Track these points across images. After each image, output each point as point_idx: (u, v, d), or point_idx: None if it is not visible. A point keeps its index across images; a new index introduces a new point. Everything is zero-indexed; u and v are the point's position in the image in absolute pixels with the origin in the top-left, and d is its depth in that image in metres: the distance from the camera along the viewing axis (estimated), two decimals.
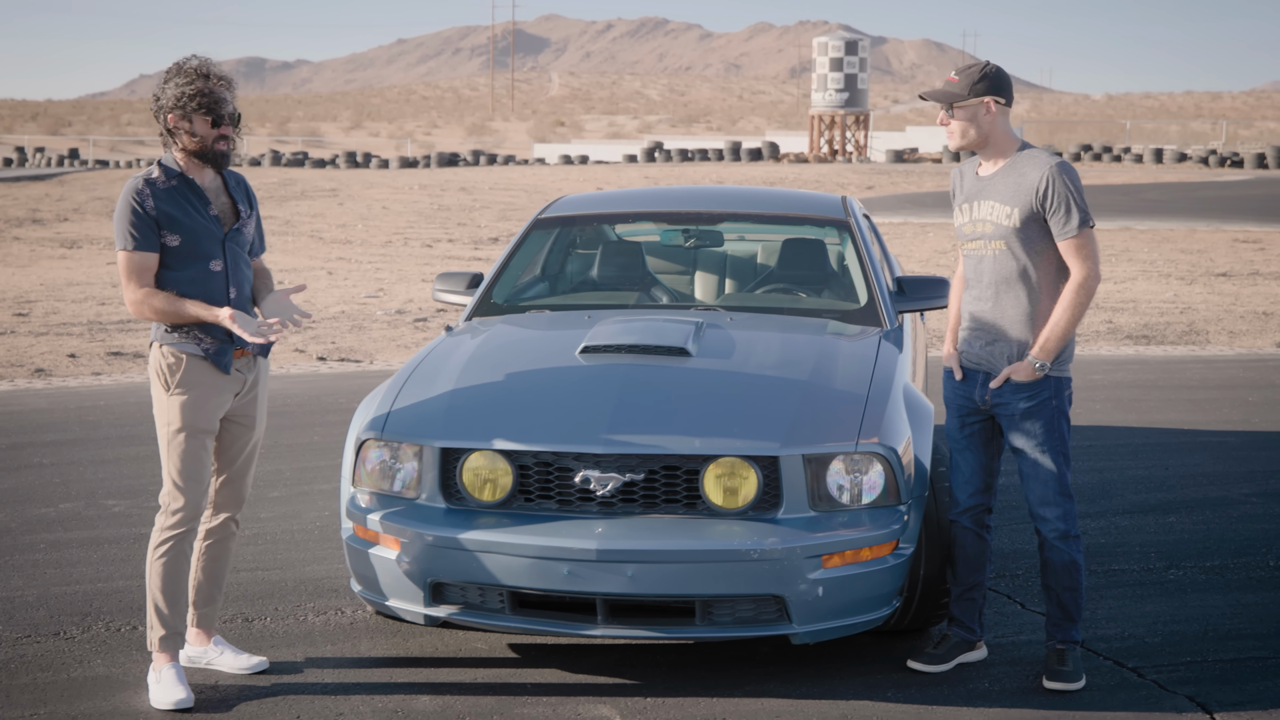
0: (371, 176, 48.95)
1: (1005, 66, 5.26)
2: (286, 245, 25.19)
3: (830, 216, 7.05)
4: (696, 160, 58.99)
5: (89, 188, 41.99)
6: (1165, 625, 5.76)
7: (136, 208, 4.90)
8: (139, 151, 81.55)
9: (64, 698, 4.97)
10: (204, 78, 4.98)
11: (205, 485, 5.05)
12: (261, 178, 47.36)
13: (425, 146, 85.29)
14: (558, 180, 45.26)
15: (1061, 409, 5.07)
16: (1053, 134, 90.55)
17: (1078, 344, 13.71)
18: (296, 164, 59.88)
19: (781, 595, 4.91)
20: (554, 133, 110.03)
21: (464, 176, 47.86)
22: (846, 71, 61.93)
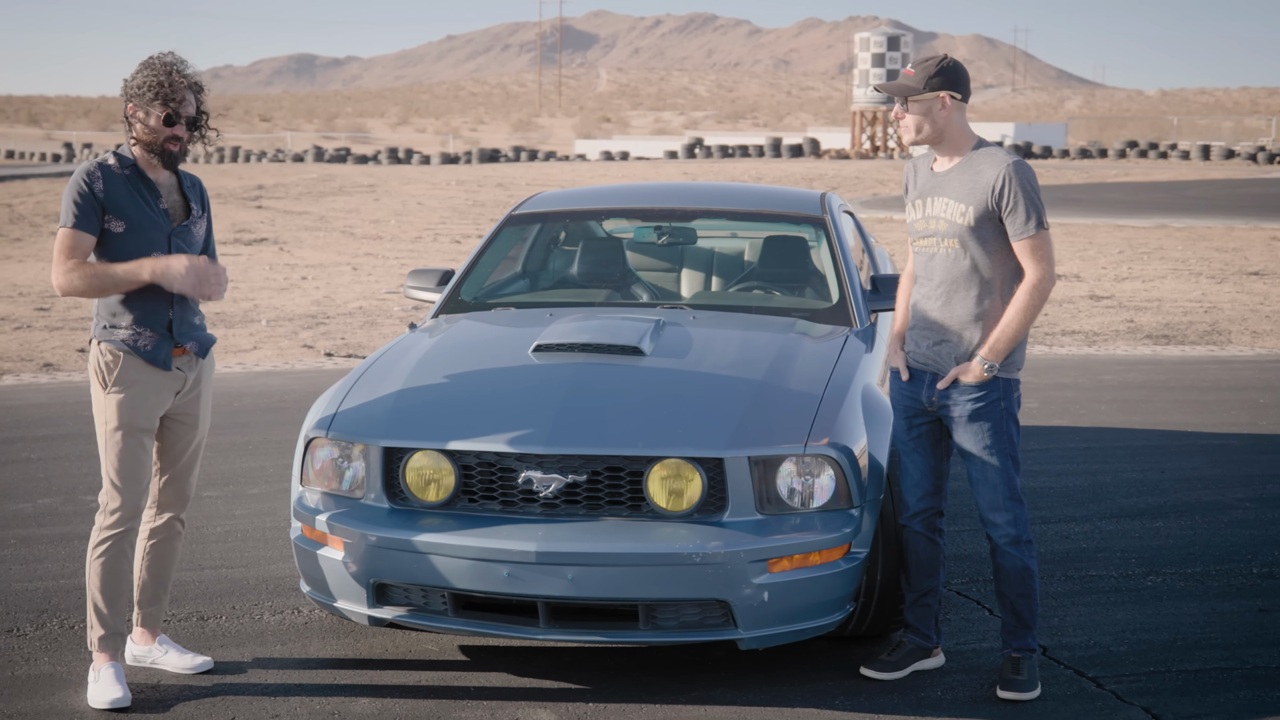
0: (410, 173, 49.06)
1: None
2: (317, 241, 25.22)
3: (805, 214, 6.95)
4: (737, 156, 58.82)
5: None
6: (1134, 634, 5.63)
7: (84, 188, 4.85)
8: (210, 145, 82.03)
9: (3, 695, 4.95)
10: (168, 72, 4.92)
11: (144, 485, 5.00)
12: (302, 173, 47.56)
13: (470, 142, 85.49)
14: (595, 176, 45.20)
15: (1010, 411, 4.95)
16: (1101, 130, 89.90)
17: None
18: (339, 160, 60.06)
19: (726, 600, 4.82)
20: (599, 129, 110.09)
21: (503, 172, 47.90)
22: (889, 67, 61.54)
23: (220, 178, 44.99)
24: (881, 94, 5.48)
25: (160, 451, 5.14)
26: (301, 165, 55.49)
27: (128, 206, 4.91)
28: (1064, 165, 53.25)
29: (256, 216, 30.73)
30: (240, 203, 34.84)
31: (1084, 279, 18.96)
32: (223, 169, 51.72)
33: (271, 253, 23.03)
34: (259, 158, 62.95)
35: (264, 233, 26.69)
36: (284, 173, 48.40)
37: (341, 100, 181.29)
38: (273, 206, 33.63)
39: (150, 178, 4.98)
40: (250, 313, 15.59)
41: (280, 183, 42.26)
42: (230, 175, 46.62)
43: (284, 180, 43.39)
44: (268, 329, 14.28)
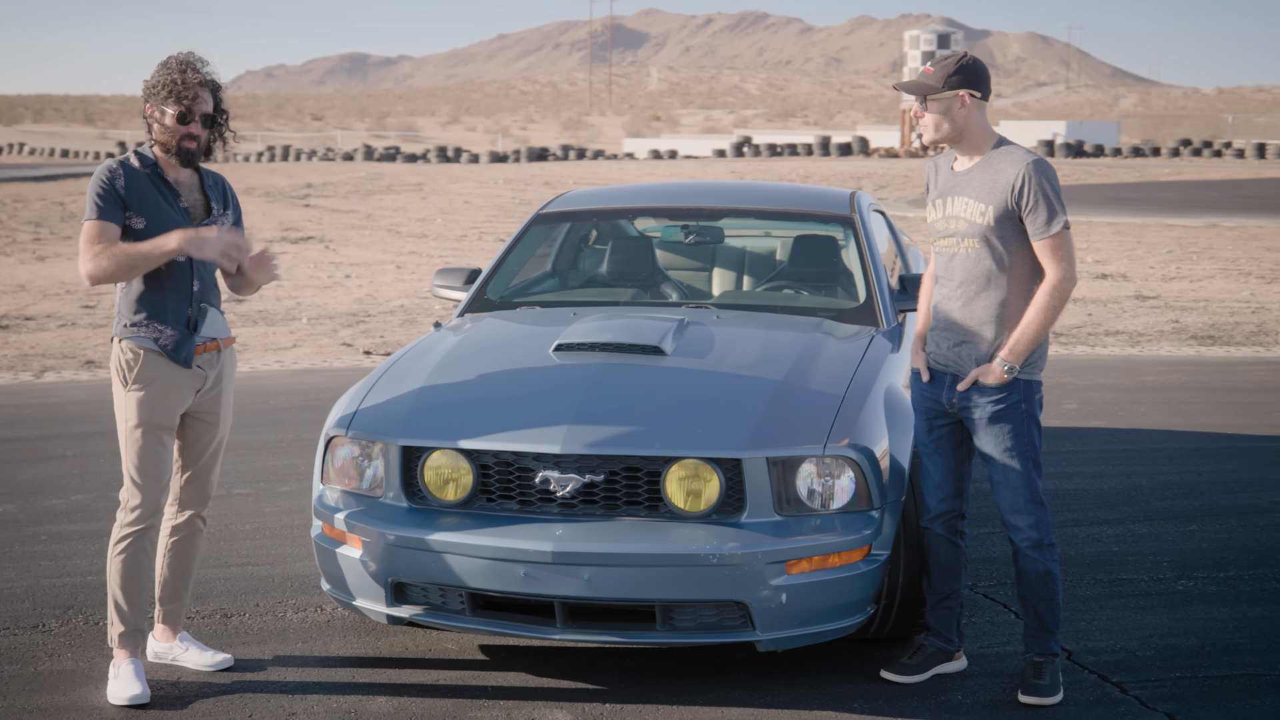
0: (458, 171, 49.22)
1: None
2: (363, 239, 25.34)
3: (834, 213, 6.90)
4: (785, 155, 58.70)
5: None
6: (1161, 638, 5.56)
7: (106, 183, 4.88)
8: (238, 146, 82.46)
9: (25, 691, 4.97)
10: (182, 72, 4.94)
11: (165, 482, 5.02)
12: (350, 172, 47.80)
13: (520, 141, 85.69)
14: (642, 174, 45.20)
15: (1031, 413, 4.90)
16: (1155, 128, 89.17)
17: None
18: (388, 158, 60.35)
19: (744, 601, 4.79)
20: (649, 127, 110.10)
21: (550, 171, 47.98)
22: None
23: (269, 176, 45.29)
24: (899, 91, 5.48)
25: (181, 449, 5.16)
26: (351, 164, 55.78)
27: (148, 204, 4.93)
28: (1115, 164, 52.87)
29: (304, 215, 30.91)
30: (289, 201, 35.06)
31: (1131, 279, 18.80)
32: (272, 167, 52.06)
33: (317, 251, 23.16)
34: (309, 156, 63.32)
35: (311, 231, 26.84)
36: (333, 171, 48.67)
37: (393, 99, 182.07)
38: (320, 205, 33.82)
39: (170, 178, 5.00)
40: (292, 310, 15.66)
41: (329, 181, 42.49)
42: (279, 174, 46.91)
43: (332, 179, 43.63)
44: (308, 327, 14.35)
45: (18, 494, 7.59)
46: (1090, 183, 42.05)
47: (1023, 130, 65.69)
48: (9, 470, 8.10)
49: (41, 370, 11.71)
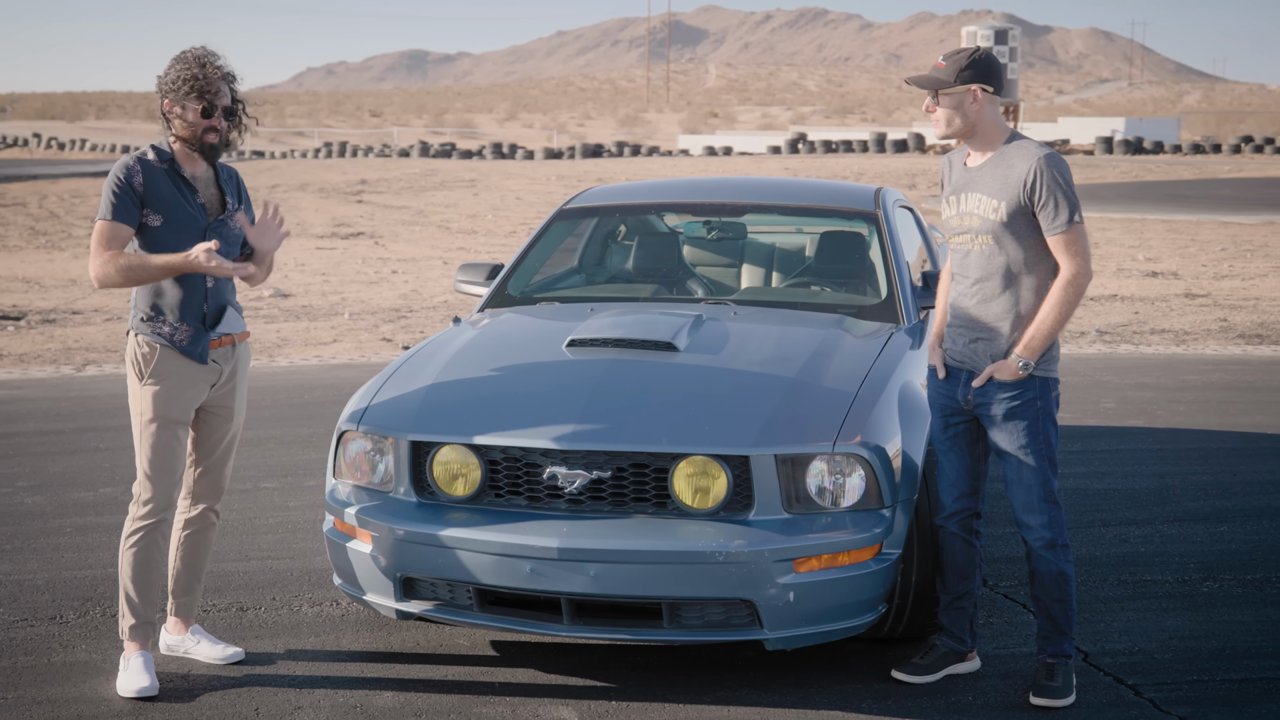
0: (512, 168, 49.34)
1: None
2: (413, 235, 25.44)
3: (858, 209, 6.84)
4: (840, 152, 58.48)
5: None
6: (1181, 641, 5.48)
7: (123, 181, 4.89)
8: (297, 143, 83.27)
9: (36, 683, 5.01)
10: (200, 67, 4.94)
11: (177, 476, 5.04)
12: (405, 168, 48.01)
13: (576, 137, 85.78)
14: (695, 170, 45.16)
15: (1047, 411, 4.83)
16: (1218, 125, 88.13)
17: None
18: (444, 155, 60.58)
19: (751, 600, 4.76)
20: (706, 124, 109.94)
21: (604, 167, 47.99)
22: None
23: (325, 172, 45.56)
24: (911, 85, 5.40)
25: (195, 443, 5.18)
26: (406, 160, 56.03)
27: (165, 200, 4.94)
28: (1175, 161, 52.33)
29: (356, 211, 31.07)
30: (342, 197, 35.26)
31: (1181, 276, 18.59)
32: (328, 164, 52.36)
33: (366, 246, 23.27)
34: (366, 152, 63.67)
35: (362, 227, 26.98)
36: (388, 167, 48.89)
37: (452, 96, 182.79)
38: (373, 201, 33.99)
39: (187, 173, 5.01)
40: (336, 306, 15.74)
41: (383, 177, 42.69)
42: (335, 170, 47.18)
43: (387, 175, 43.83)
44: (350, 322, 14.41)
45: (48, 486, 7.66)
46: (1147, 180, 41.62)
47: (1080, 126, 65.09)
48: (42, 462, 8.17)
49: (83, 364, 11.83)
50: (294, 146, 76.58)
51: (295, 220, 28.43)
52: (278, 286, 17.26)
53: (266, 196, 35.18)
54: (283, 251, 22.18)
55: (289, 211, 30.73)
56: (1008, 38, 61.20)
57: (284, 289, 17.21)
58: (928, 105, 4.92)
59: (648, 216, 7.33)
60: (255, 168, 48.90)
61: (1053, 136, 62.91)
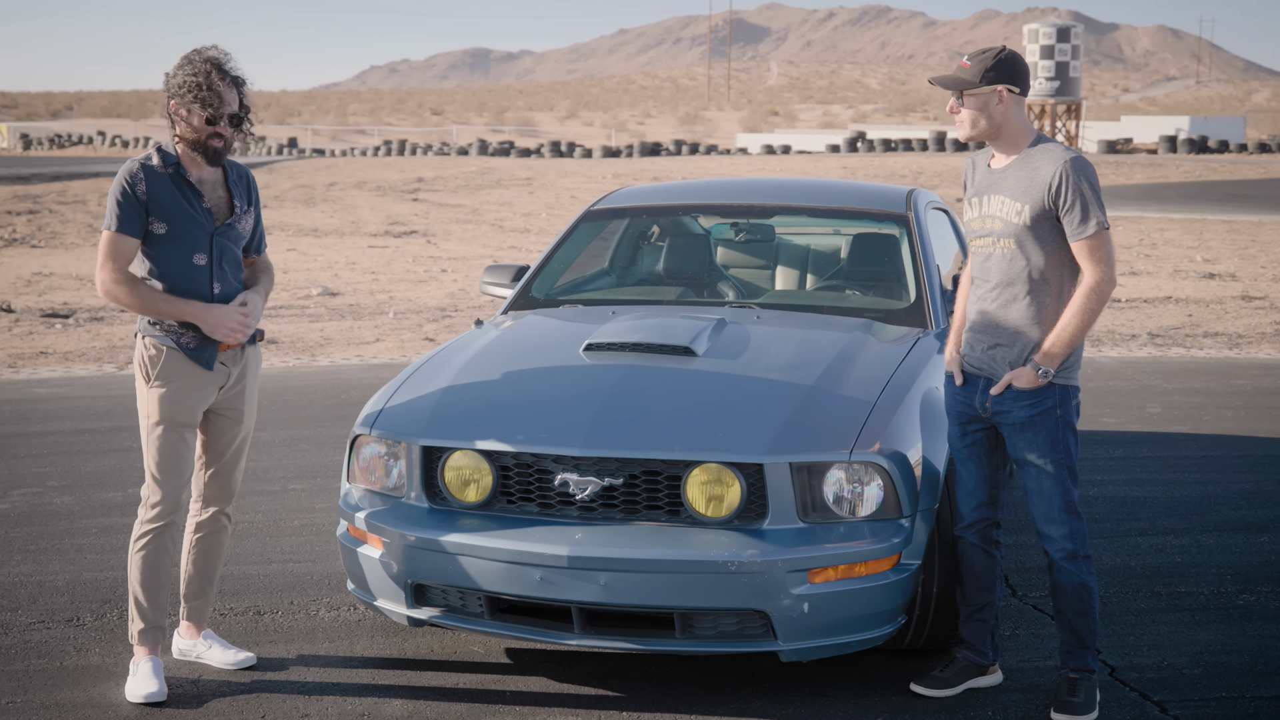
0: (569, 166, 49.34)
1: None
2: (465, 233, 25.46)
3: (888, 211, 6.72)
4: (900, 150, 58.11)
5: (294, 176, 43.15)
6: (1212, 655, 5.33)
7: (127, 190, 4.85)
8: (358, 140, 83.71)
9: (46, 686, 4.98)
10: (208, 73, 4.88)
11: (185, 480, 5.00)
12: (462, 167, 48.11)
13: (636, 136, 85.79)
14: (752, 169, 44.98)
15: (1067, 419, 4.71)
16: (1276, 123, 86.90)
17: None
18: (502, 153, 60.69)
19: (764, 610, 4.66)
20: (766, 122, 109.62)
21: (660, 166, 47.91)
22: (1058, 59, 60.17)
23: (383, 170, 45.74)
24: (935, 85, 5.25)
25: (205, 446, 5.14)
26: (464, 158, 56.14)
27: (170, 208, 4.88)
28: (1239, 160, 51.62)
29: (411, 209, 31.16)
30: (398, 195, 35.38)
31: (1239, 278, 18.30)
32: (386, 162, 52.55)
33: (419, 245, 23.31)
34: (425, 150, 63.91)
35: (415, 225, 27.04)
36: (445, 166, 49.02)
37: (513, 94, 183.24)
38: (429, 199, 34.07)
39: (193, 177, 4.95)
40: (383, 305, 15.75)
41: (440, 175, 42.80)
42: (393, 168, 47.35)
43: (444, 173, 43.94)
44: (393, 321, 14.41)
45: (78, 486, 7.67)
46: (1210, 179, 41.07)
47: (1143, 125, 64.35)
48: (74, 462, 8.19)
49: (125, 362, 11.87)
50: (354, 144, 77.00)
51: (350, 218, 28.54)
52: (326, 285, 17.29)
53: (324, 194, 35.38)
54: (335, 250, 22.28)
55: (345, 209, 30.88)
56: (1070, 35, 60.64)
57: (332, 287, 17.24)
58: (952, 106, 4.81)
59: (677, 218, 7.24)
60: (314, 166, 49.17)
61: (1115, 135, 62.25)
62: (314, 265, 20.12)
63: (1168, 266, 19.55)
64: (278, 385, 10.62)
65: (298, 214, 29.80)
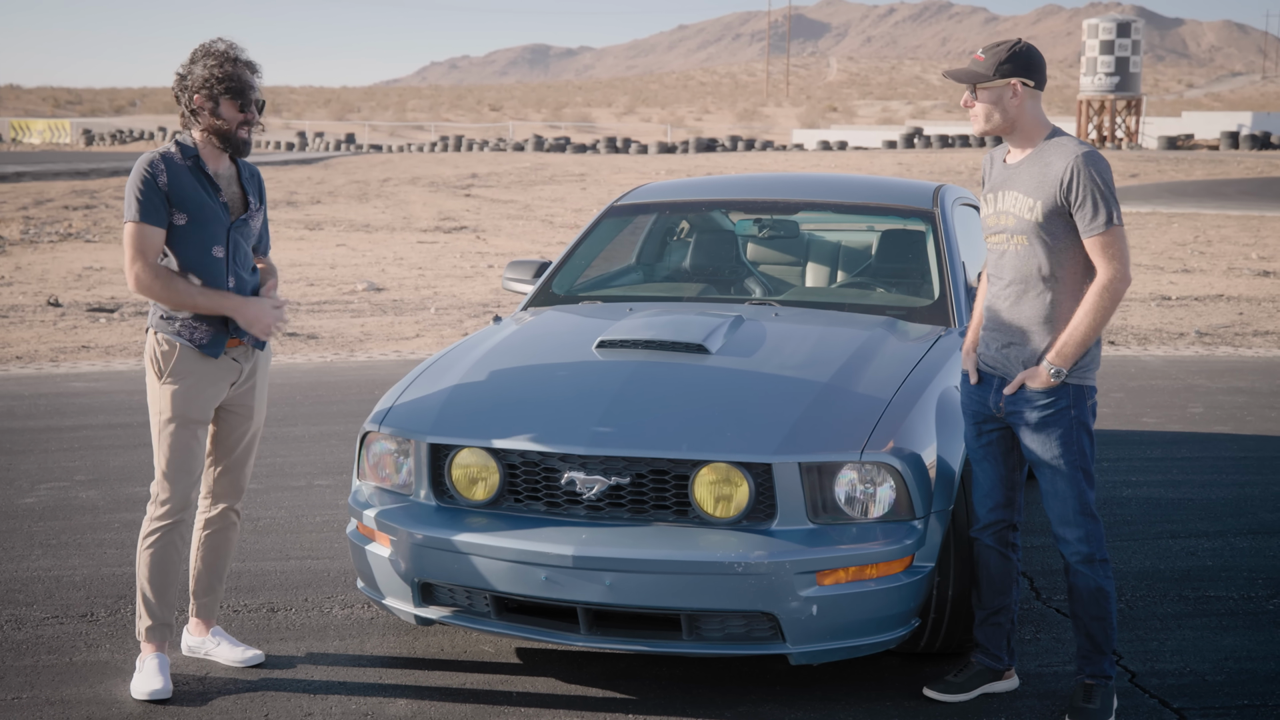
0: (623, 162, 49.29)
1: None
2: (515, 229, 25.46)
3: (914, 207, 6.61)
4: (956, 146, 57.68)
5: (350, 171, 43.37)
6: (1237, 661, 5.21)
7: (149, 179, 4.82)
8: (415, 136, 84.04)
9: (53, 682, 4.97)
10: (233, 62, 4.87)
11: (196, 477, 4.98)
12: (516, 162, 48.17)
13: (693, 131, 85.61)
14: (807, 165, 44.76)
15: (1082, 420, 4.60)
16: None
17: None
18: (558, 149, 60.72)
19: (772, 613, 4.58)
20: (824, 118, 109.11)
21: (715, 162, 47.79)
22: (1118, 54, 59.57)
23: (438, 166, 45.89)
24: (949, 78, 5.11)
25: (215, 442, 5.12)
26: (519, 154, 56.25)
27: (190, 199, 4.87)
28: None
29: (463, 205, 31.22)
30: (451, 191, 35.47)
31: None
32: (441, 157, 52.71)
33: (467, 241, 23.33)
34: (481, 146, 64.06)
35: (466, 221, 27.07)
36: (499, 161, 49.11)
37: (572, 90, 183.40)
38: (481, 195, 34.14)
39: (210, 170, 4.94)
40: (427, 300, 15.75)
41: (494, 171, 42.88)
42: (447, 164, 47.50)
43: (498, 169, 44.03)
44: (435, 317, 14.40)
45: (104, 480, 7.68)
46: (1272, 175, 40.51)
47: (1205, 121, 63.55)
48: (103, 456, 8.21)
49: None
50: (411, 140, 77.32)
51: (402, 214, 28.63)
52: (372, 280, 17.32)
53: (378, 190, 35.52)
54: (385, 245, 22.33)
55: (397, 205, 30.97)
56: (1130, 30, 60.03)
57: (378, 283, 17.27)
58: (966, 100, 4.71)
59: (704, 214, 7.16)
60: (369, 161, 49.38)
61: (1176, 131, 61.54)
62: (362, 261, 20.17)
63: (1221, 264, 19.27)
64: (312, 380, 10.63)
65: (350, 209, 29.92)
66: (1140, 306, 15.12)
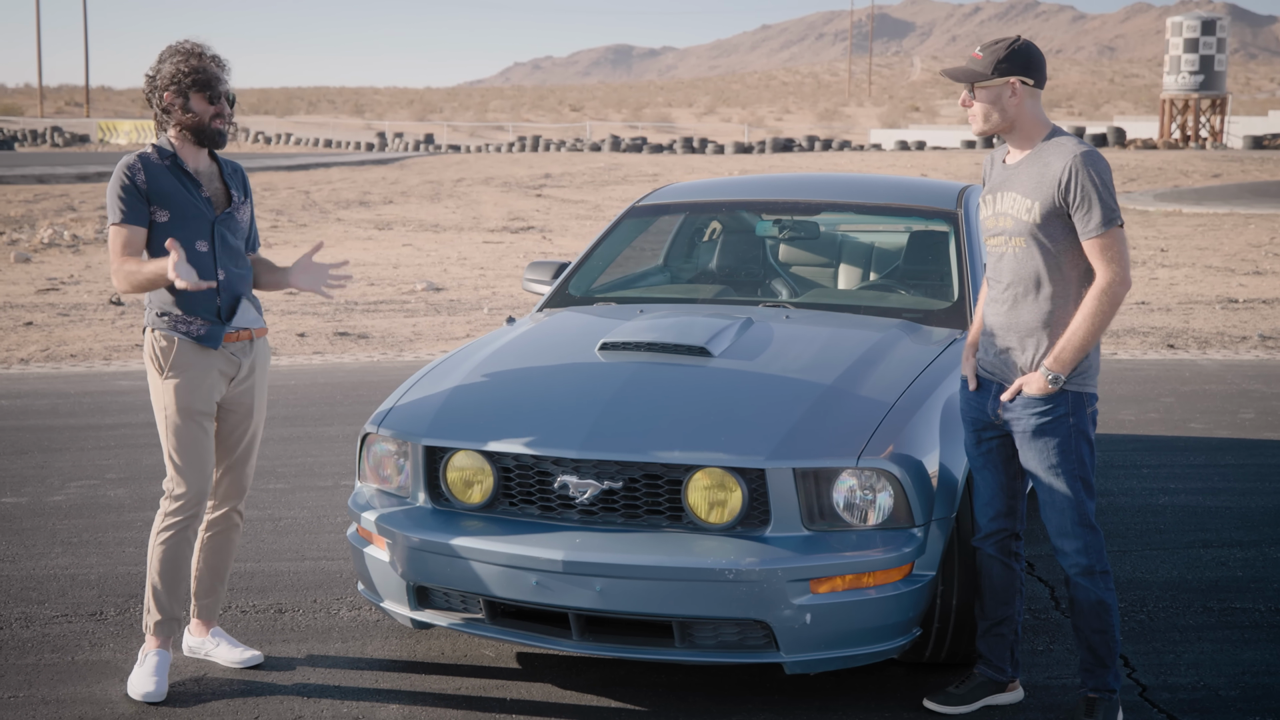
0: (698, 162, 49.17)
1: None
2: (583, 229, 25.45)
3: (937, 208, 6.49)
4: None
5: (424, 172, 43.58)
6: (1254, 676, 5.06)
7: (127, 181, 4.85)
8: (494, 137, 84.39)
9: (52, 681, 4.99)
10: (198, 56, 4.90)
11: (209, 469, 4.97)
12: (590, 163, 48.19)
13: (774, 132, 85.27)
14: (883, 165, 44.43)
15: (1080, 429, 4.47)
16: None
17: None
18: (635, 149, 60.71)
19: (764, 620, 4.50)
20: (906, 118, 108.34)
21: (790, 161, 47.57)
22: (1202, 52, 58.65)
23: (512, 166, 46.01)
24: (947, 77, 4.94)
25: (216, 442, 5.11)
26: (594, 154, 56.29)
27: (171, 195, 4.88)
28: None
29: (533, 205, 31.25)
30: (523, 191, 35.53)
31: None
32: (515, 158, 52.88)
33: (533, 241, 23.34)
34: (558, 147, 64.17)
35: (534, 221, 27.09)
36: (574, 162, 49.16)
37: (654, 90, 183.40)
38: (552, 195, 34.16)
39: (190, 168, 4.95)
40: (482, 300, 15.76)
41: (567, 172, 42.91)
42: (522, 164, 47.62)
43: (571, 169, 44.06)
44: (487, 317, 14.40)
45: (135, 479, 7.72)
46: None
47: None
48: (136, 455, 8.26)
49: None
50: (490, 140, 77.65)
51: (472, 214, 28.71)
52: (432, 280, 17.37)
53: (451, 190, 35.66)
54: (451, 245, 22.40)
55: (469, 205, 31.08)
56: (1216, 28, 59.09)
57: (438, 283, 17.31)
58: (964, 99, 4.60)
59: (721, 215, 7.08)
60: (445, 162, 49.61)
61: (1262, 130, 60.45)
62: (425, 260, 20.24)
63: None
64: (355, 380, 10.66)
65: (421, 209, 30.06)
66: (1204, 309, 14.83)
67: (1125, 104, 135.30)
